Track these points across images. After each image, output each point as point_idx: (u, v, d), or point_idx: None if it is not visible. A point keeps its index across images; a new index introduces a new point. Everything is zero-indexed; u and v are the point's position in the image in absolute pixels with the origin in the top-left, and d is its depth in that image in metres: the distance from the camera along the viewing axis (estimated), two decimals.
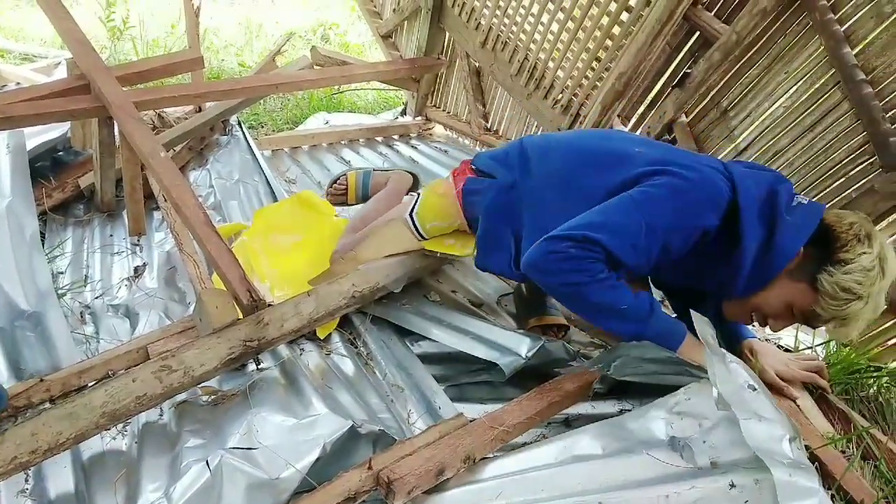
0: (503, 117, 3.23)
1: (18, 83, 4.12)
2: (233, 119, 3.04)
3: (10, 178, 2.25)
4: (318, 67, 2.89)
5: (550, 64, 2.69)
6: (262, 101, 3.92)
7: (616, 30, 2.66)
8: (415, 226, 2.03)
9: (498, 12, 2.81)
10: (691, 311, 1.52)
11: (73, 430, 1.45)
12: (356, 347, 1.95)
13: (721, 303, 1.70)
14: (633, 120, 2.71)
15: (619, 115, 2.68)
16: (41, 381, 1.83)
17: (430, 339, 1.91)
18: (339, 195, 2.57)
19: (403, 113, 3.97)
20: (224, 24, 5.90)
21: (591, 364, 1.73)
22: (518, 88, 2.87)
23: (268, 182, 2.77)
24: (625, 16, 2.65)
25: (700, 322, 1.49)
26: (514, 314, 2.12)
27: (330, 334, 1.99)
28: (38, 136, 2.63)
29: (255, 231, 2.40)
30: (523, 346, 1.76)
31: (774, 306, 1.56)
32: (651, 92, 2.63)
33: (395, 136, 3.64)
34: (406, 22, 3.66)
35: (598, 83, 2.57)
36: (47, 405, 1.81)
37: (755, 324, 1.66)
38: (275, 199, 2.69)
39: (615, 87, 2.54)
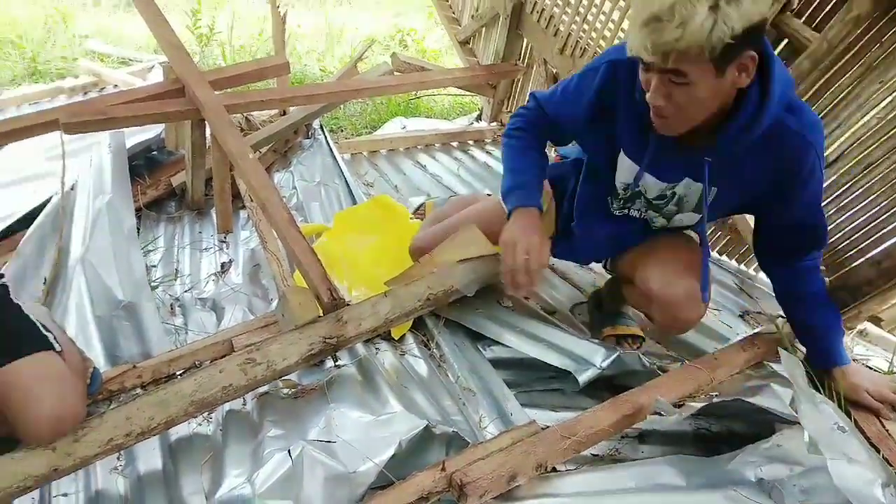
0: None
1: (116, 85, 4.38)
2: (315, 123, 3.14)
3: (111, 175, 2.41)
4: (398, 73, 2.96)
5: None
6: (342, 106, 4.03)
7: None
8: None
9: (577, 19, 2.80)
10: (780, 350, 1.50)
11: (164, 416, 1.53)
12: (429, 349, 1.99)
13: None
14: None
15: None
16: (134, 367, 1.95)
17: (502, 344, 1.93)
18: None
19: (479, 118, 4.00)
20: (306, 30, 6.10)
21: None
22: None
23: (347, 185, 2.85)
24: None
25: (789, 362, 1.47)
26: (588, 323, 2.11)
27: (404, 335, 2.04)
28: (134, 136, 2.79)
29: (335, 232, 2.47)
30: (598, 355, 1.76)
31: None
32: None
33: (471, 142, 3.68)
34: (484, 28, 3.70)
35: None
36: (139, 390, 1.93)
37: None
38: (354, 202, 2.77)
39: None
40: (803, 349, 1.78)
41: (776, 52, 2.13)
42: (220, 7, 6.44)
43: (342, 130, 3.99)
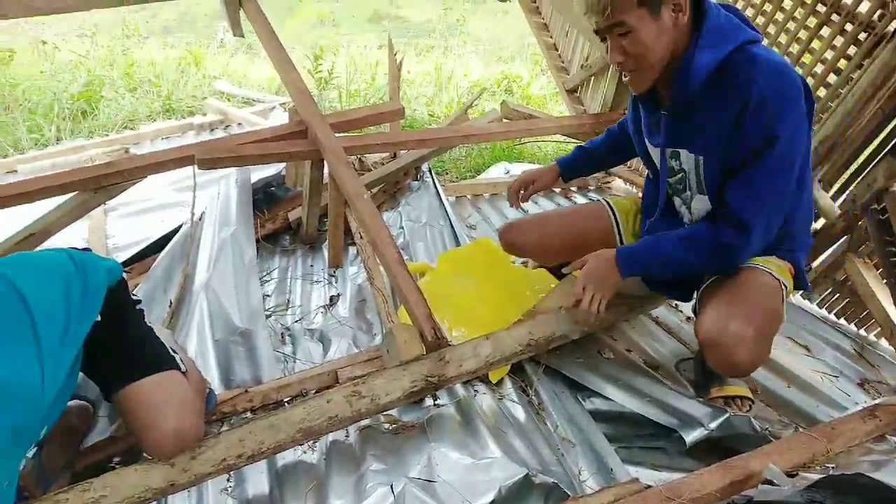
0: None
1: (240, 123, 4.70)
2: (424, 166, 3.25)
3: (236, 208, 2.58)
4: (506, 120, 3.02)
5: None
6: (449, 150, 4.14)
7: (822, 91, 2.53)
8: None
9: None
10: None
11: (273, 441, 1.61)
12: (528, 396, 1.99)
13: None
14: (836, 186, 2.54)
15: (820, 180, 2.53)
16: (246, 391, 2.05)
17: (602, 396, 1.90)
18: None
19: None
20: (415, 76, 6.34)
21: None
22: None
23: (452, 227, 2.91)
24: (832, 78, 2.52)
25: None
26: (694, 381, 2.05)
27: (502, 379, 2.05)
28: (257, 172, 2.99)
29: (438, 273, 2.53)
30: (706, 416, 1.70)
31: None
32: (858, 158, 2.46)
33: (574, 188, 3.68)
34: (592, 77, 3.72)
35: None
36: (248, 414, 2.02)
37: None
38: (458, 244, 2.82)
39: (818, 151, 2.41)
40: None
41: None
42: (338, 53, 6.80)
43: (447, 173, 4.09)
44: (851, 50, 2.43)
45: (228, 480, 1.76)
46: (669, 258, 1.65)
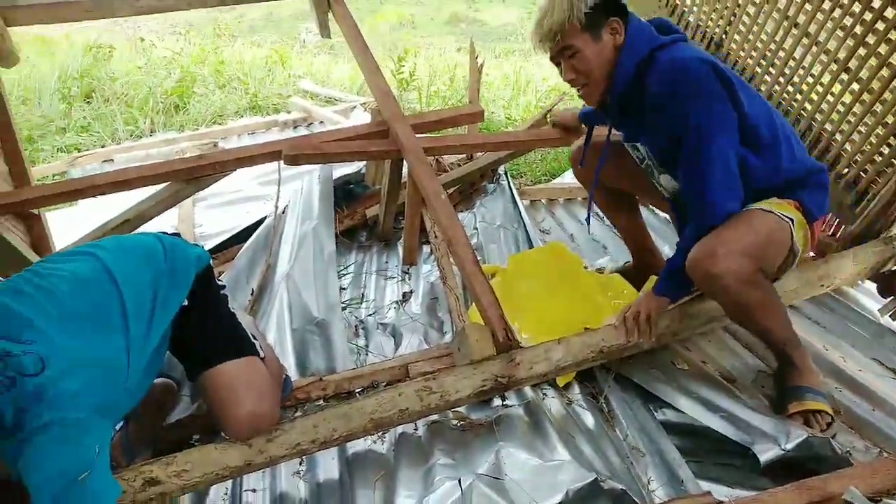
0: None
1: (322, 122, 4.83)
2: (500, 168, 3.27)
3: (318, 204, 2.67)
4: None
5: (838, 136, 2.50)
6: (525, 153, 4.13)
7: None
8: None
9: (782, 79, 2.69)
10: None
11: (345, 429, 1.66)
12: (597, 402, 1.97)
13: None
14: None
15: None
16: (320, 380, 2.12)
17: (674, 407, 1.87)
18: None
19: None
20: (493, 79, 6.35)
21: None
22: None
23: (526, 230, 2.92)
24: None
25: None
26: (771, 397, 1.99)
27: (571, 385, 2.04)
28: (339, 169, 3.08)
29: (509, 274, 2.54)
30: (783, 435, 1.64)
31: None
32: None
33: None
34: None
35: (894, 160, 2.34)
36: (321, 402, 2.09)
37: None
38: (531, 247, 2.83)
39: None
40: None
41: None
42: (418, 55, 6.89)
43: (522, 176, 4.09)
44: None
45: (301, 464, 1.82)
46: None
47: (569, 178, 3.91)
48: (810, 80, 2.56)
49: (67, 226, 3.11)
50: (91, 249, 1.64)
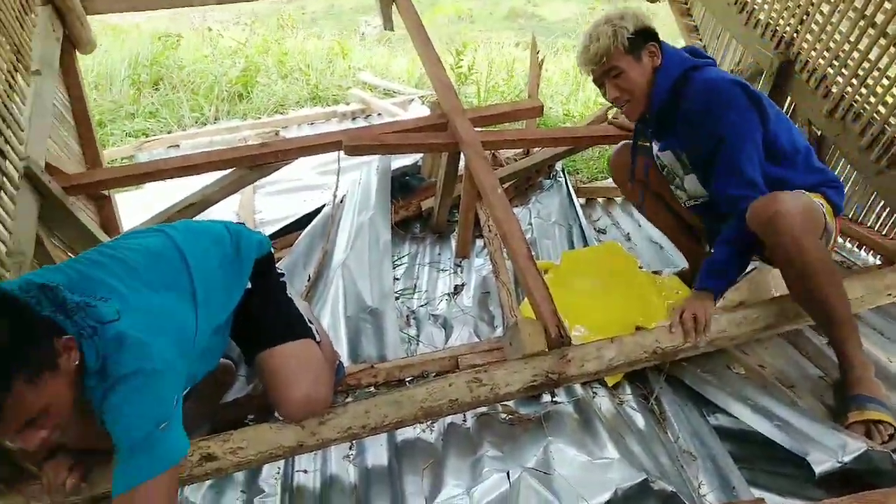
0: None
1: (380, 114, 4.89)
2: (557, 165, 3.25)
3: (375, 194, 2.71)
4: None
5: None
6: (583, 149, 4.09)
7: None
8: None
9: (854, 81, 2.60)
10: None
11: (396, 416, 1.68)
12: (648, 403, 1.95)
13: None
14: None
15: None
16: (372, 367, 2.16)
17: (728, 413, 1.83)
18: None
19: None
20: (552, 74, 6.30)
21: None
22: (866, 163, 2.61)
23: (581, 228, 2.90)
24: None
25: None
26: (830, 405, 1.93)
27: (621, 385, 2.02)
28: (396, 161, 3.11)
29: (562, 271, 2.53)
30: (841, 447, 1.59)
31: None
32: None
33: None
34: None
35: None
36: (372, 389, 2.13)
37: None
38: (585, 245, 2.81)
39: None
40: None
41: None
42: (477, 49, 6.89)
43: (578, 173, 4.05)
44: None
45: (351, 448, 1.86)
46: (730, 250, 1.94)
47: None
48: (885, 82, 2.47)
49: (134, 208, 3.23)
50: (162, 228, 1.71)
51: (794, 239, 1.75)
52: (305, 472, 1.80)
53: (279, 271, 1.93)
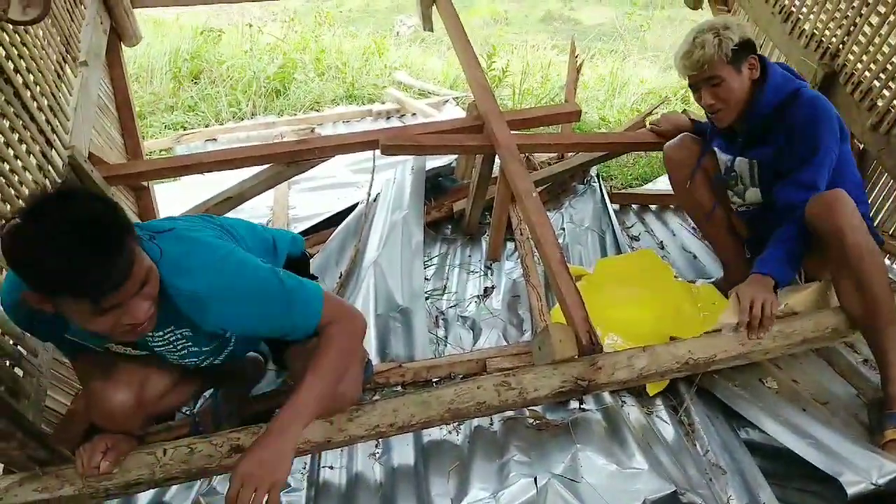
0: (884, 206, 2.89)
1: (414, 114, 4.90)
2: (592, 170, 3.23)
3: (409, 194, 2.72)
4: None
5: None
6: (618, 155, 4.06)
7: None
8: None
9: None
10: None
11: (423, 416, 1.68)
12: (678, 415, 1.93)
13: None
14: None
15: None
16: (400, 366, 2.16)
17: (759, 428, 1.81)
18: None
19: None
20: (588, 79, 6.26)
21: None
22: None
23: (615, 234, 2.88)
24: None
25: None
26: (868, 425, 1.89)
27: (650, 394, 2.00)
28: (430, 161, 3.12)
29: (595, 278, 2.51)
30: (875, 467, 1.56)
31: None
32: None
33: None
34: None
35: None
36: (399, 388, 2.13)
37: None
38: (618, 252, 2.79)
39: None
40: None
41: None
42: (513, 52, 6.88)
43: (612, 178, 4.03)
44: None
45: (377, 447, 1.87)
46: (786, 246, 1.97)
47: (661, 184, 3.82)
48: None
49: (171, 199, 3.28)
50: (204, 217, 1.74)
51: (849, 222, 1.81)
52: (331, 468, 1.81)
53: (313, 275, 1.96)
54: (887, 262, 2.64)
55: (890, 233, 2.68)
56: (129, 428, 1.58)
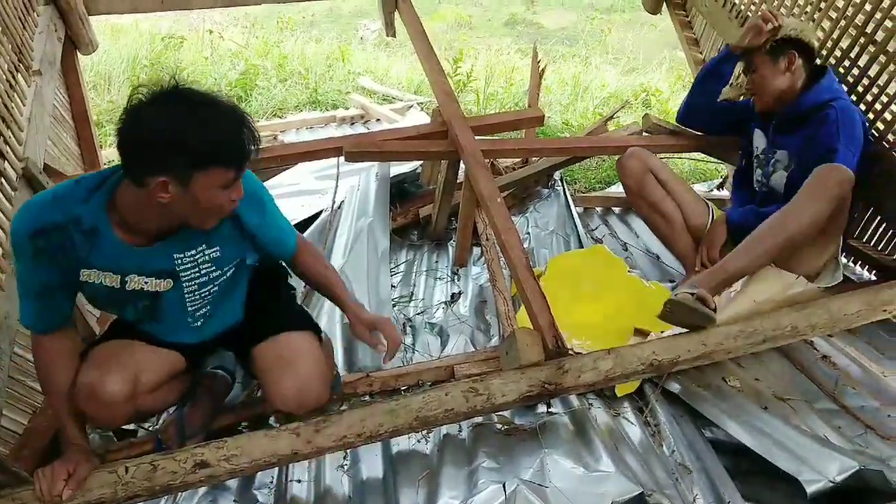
0: None
1: (379, 119, 4.88)
2: (556, 174, 3.25)
3: (374, 201, 2.70)
4: (646, 134, 2.96)
5: None
6: (582, 159, 4.09)
7: None
8: None
9: (853, 97, 2.61)
10: None
11: (391, 425, 1.68)
12: (644, 416, 1.95)
13: None
14: None
15: None
16: (367, 375, 2.15)
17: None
18: None
19: (721, 186, 3.86)
20: (551, 83, 6.31)
21: None
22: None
23: (579, 237, 2.90)
24: None
25: None
26: (824, 411, 1.93)
27: (616, 396, 2.02)
28: (395, 168, 3.10)
29: (550, 278, 2.52)
30: (833, 465, 1.59)
31: None
32: None
33: None
34: (741, 96, 3.57)
35: None
36: (367, 398, 2.12)
37: None
38: None
39: None
40: None
41: None
42: (478, 57, 6.90)
43: (576, 182, 4.06)
44: None
45: (345, 458, 1.85)
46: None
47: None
48: (884, 98, 2.48)
49: None
50: None
51: (829, 189, 2.06)
52: (299, 481, 1.79)
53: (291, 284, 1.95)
54: (844, 259, 2.70)
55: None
56: (117, 419, 1.61)
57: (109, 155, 4.29)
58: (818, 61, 2.46)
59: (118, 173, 1.41)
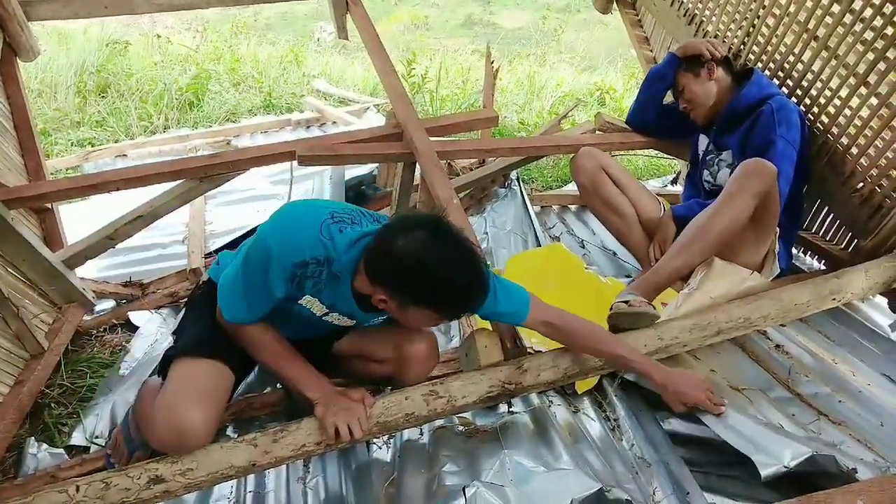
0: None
1: (335, 122, 4.85)
2: (513, 174, 3.26)
3: None
4: (599, 132, 3.00)
5: (854, 150, 2.49)
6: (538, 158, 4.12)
7: None
8: None
9: (799, 92, 2.67)
10: None
11: None
12: (603, 411, 1.97)
13: None
14: None
15: None
16: None
17: (680, 416, 1.86)
18: None
19: (674, 182, 3.92)
20: (506, 83, 6.35)
21: None
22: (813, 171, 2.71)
23: (536, 236, 2.92)
24: None
25: None
26: (777, 399, 1.96)
27: (576, 392, 2.03)
28: (350, 170, 3.08)
29: (508, 277, 2.52)
30: (787, 451, 1.62)
31: None
32: None
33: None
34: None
35: None
36: None
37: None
38: None
39: None
40: None
41: None
42: (433, 58, 6.90)
43: (533, 181, 4.09)
44: None
45: (306, 468, 1.82)
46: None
47: None
48: (828, 93, 2.55)
49: (78, 219, 3.13)
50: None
51: (749, 184, 2.13)
52: (258, 493, 1.76)
53: None
54: (794, 250, 2.77)
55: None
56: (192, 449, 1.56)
57: (57, 164, 4.18)
58: (742, 62, 2.70)
59: (373, 236, 1.52)
